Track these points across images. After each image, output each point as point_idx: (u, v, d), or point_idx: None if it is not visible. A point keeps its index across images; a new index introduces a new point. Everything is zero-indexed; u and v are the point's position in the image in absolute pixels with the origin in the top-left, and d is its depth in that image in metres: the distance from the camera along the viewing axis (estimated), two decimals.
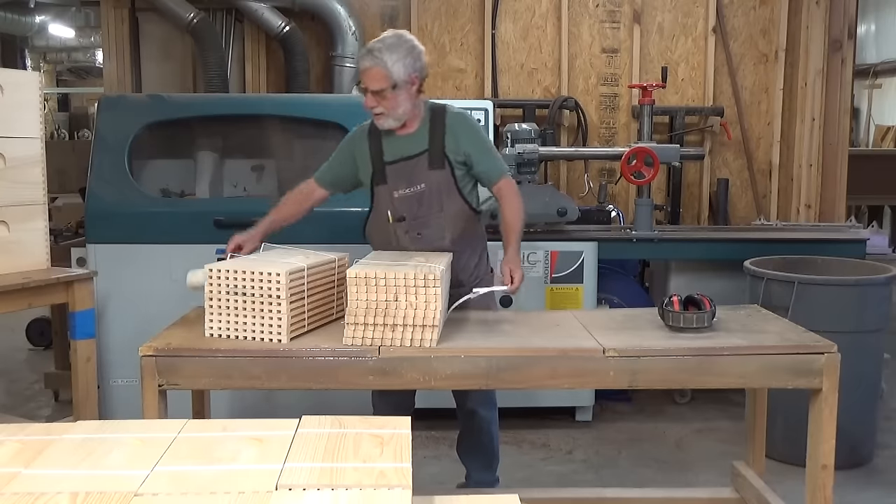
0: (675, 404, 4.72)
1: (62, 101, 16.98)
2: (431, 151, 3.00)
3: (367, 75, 2.90)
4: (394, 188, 3.02)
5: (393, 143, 3.04)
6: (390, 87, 2.89)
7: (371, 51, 2.90)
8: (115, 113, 4.24)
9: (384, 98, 2.91)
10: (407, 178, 3.01)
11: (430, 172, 3.00)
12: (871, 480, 3.76)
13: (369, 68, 2.89)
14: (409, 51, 2.92)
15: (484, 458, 3.34)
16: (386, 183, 3.04)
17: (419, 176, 3.00)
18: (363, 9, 5.37)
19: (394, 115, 2.96)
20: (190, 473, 1.35)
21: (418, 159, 3.01)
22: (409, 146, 3.02)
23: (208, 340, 2.52)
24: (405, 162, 3.01)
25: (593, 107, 5.46)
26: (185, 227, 4.02)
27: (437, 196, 3.00)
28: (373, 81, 2.89)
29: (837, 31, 5.29)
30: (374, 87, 2.90)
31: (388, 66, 2.87)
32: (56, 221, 5.35)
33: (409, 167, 3.01)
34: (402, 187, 3.01)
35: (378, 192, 3.06)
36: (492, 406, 3.28)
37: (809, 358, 2.49)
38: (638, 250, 4.62)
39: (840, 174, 5.36)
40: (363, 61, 2.92)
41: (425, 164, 3.00)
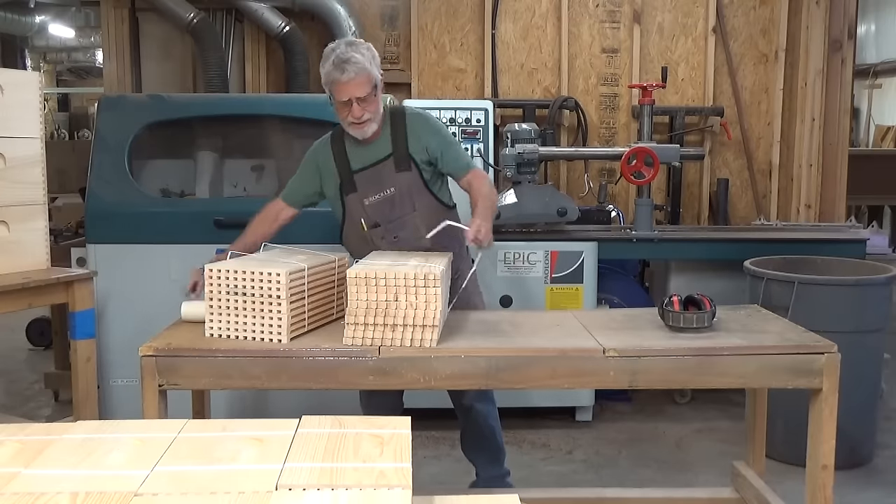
0: (675, 404, 4.72)
1: (62, 101, 16.97)
2: (396, 154, 3.00)
3: (353, 85, 2.85)
4: (363, 196, 3.02)
5: (358, 151, 3.03)
6: (373, 89, 2.89)
7: (348, 61, 2.83)
8: (115, 113, 4.24)
9: (370, 103, 2.90)
10: (376, 183, 3.01)
11: (397, 175, 2.99)
12: (871, 480, 3.76)
13: (355, 77, 2.84)
14: (373, 51, 2.93)
15: (489, 453, 3.35)
16: (356, 191, 3.03)
17: (387, 180, 3.00)
18: (363, 9, 5.37)
19: (376, 119, 2.96)
20: (190, 473, 1.35)
21: (384, 164, 3.00)
22: (374, 152, 3.02)
23: (208, 340, 2.52)
24: (372, 168, 3.01)
25: (593, 107, 5.46)
26: (185, 227, 4.02)
27: (409, 197, 3.00)
28: (360, 89, 2.86)
29: (837, 31, 5.29)
30: (362, 93, 2.87)
31: (369, 69, 2.86)
32: (56, 221, 5.35)
33: (377, 173, 3.01)
34: (372, 194, 3.01)
35: (349, 201, 3.05)
36: (488, 400, 3.29)
37: (809, 358, 2.49)
38: (638, 250, 4.62)
39: (840, 174, 5.36)
40: (344, 74, 2.83)
41: (392, 167, 3.00)
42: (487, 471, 3.36)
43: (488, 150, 4.71)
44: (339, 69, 2.84)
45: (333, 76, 2.86)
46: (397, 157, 3.00)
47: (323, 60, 2.91)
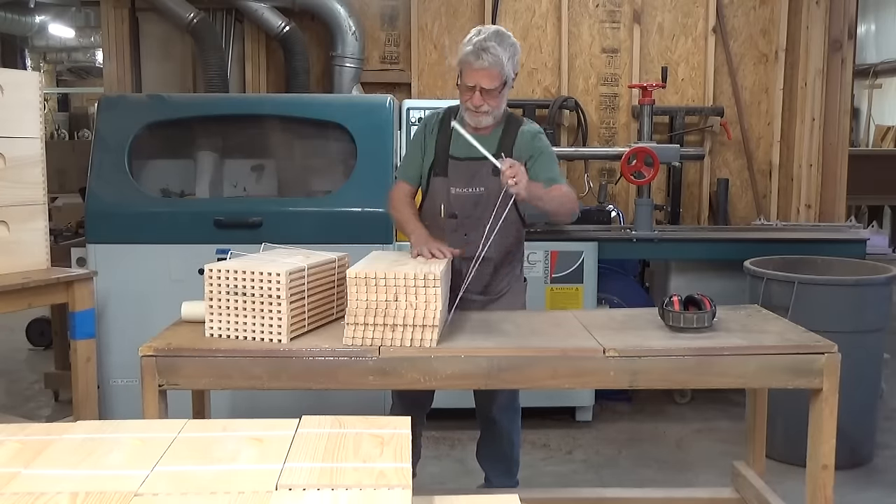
0: (675, 404, 4.72)
1: (62, 101, 16.97)
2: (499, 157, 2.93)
3: (483, 74, 2.82)
4: (452, 184, 2.98)
5: (463, 140, 2.93)
6: (501, 86, 2.87)
7: (486, 49, 2.80)
8: (115, 113, 4.24)
9: (492, 97, 2.87)
10: (468, 177, 2.97)
11: (492, 178, 2.90)
12: (871, 480, 3.76)
13: (488, 68, 2.81)
14: (515, 48, 2.89)
15: (504, 465, 3.31)
16: (445, 176, 2.99)
17: (481, 179, 2.96)
18: (363, 9, 5.37)
19: (495, 114, 2.94)
20: (190, 473, 1.35)
21: (484, 162, 2.89)
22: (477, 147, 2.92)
23: (208, 340, 2.52)
24: (471, 161, 2.95)
25: (593, 107, 5.46)
26: (185, 227, 4.02)
27: (495, 202, 2.88)
28: (488, 80, 2.83)
29: (837, 31, 5.29)
30: (489, 85, 2.84)
31: (503, 64, 2.83)
32: (56, 221, 5.35)
33: (474, 168, 2.96)
34: (461, 185, 2.97)
35: (434, 183, 3.01)
36: (514, 413, 3.24)
37: (809, 358, 2.49)
38: (638, 250, 4.62)
39: (840, 174, 5.36)
40: (479, 60, 2.80)
41: (490, 169, 2.90)
42: (499, 481, 3.31)
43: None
44: (475, 54, 2.81)
45: (468, 59, 2.84)
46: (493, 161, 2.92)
47: (466, 40, 2.87)
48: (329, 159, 4.68)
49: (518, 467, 3.34)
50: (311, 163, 4.77)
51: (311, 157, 4.78)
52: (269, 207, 4.14)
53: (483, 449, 3.34)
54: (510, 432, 3.25)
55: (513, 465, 3.32)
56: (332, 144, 4.55)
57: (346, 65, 5.15)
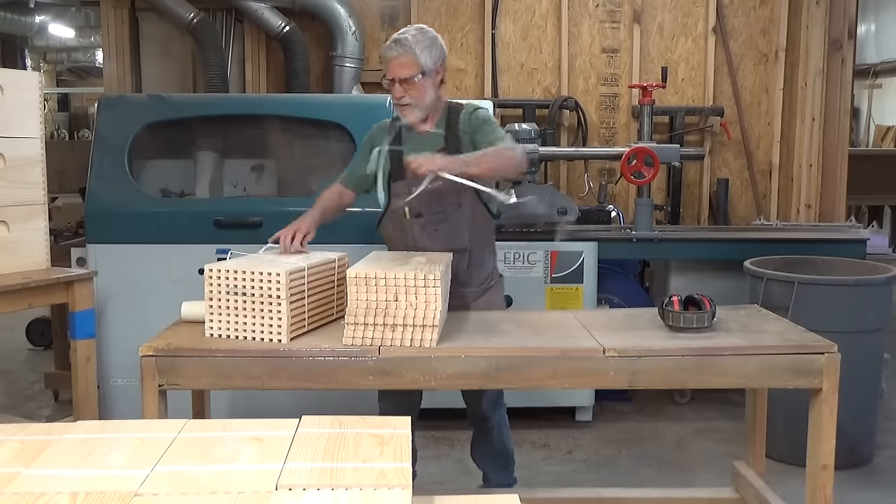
0: (675, 404, 4.72)
1: (62, 101, 16.98)
2: (448, 151, 2.97)
3: (396, 63, 2.89)
4: (412, 184, 2.97)
5: (411, 140, 3.02)
6: (419, 75, 2.90)
7: (398, 40, 2.90)
8: (115, 113, 4.24)
9: (412, 87, 2.91)
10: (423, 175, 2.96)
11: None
12: (871, 480, 3.76)
13: (398, 56, 2.88)
14: (432, 40, 2.96)
15: (500, 461, 3.33)
16: (404, 178, 3.00)
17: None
18: (363, 9, 5.37)
19: (420, 106, 2.95)
20: (190, 473, 1.35)
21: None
22: (427, 144, 2.99)
23: (208, 340, 2.52)
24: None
25: (593, 107, 5.46)
26: (185, 227, 4.02)
27: (455, 194, 2.96)
28: (402, 69, 2.89)
29: (837, 31, 5.29)
30: (403, 74, 2.89)
31: (416, 53, 2.88)
32: (56, 221, 5.35)
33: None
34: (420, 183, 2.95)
35: (395, 187, 3.04)
36: (500, 407, 3.27)
37: (809, 358, 2.48)
38: (638, 250, 4.62)
39: (840, 174, 5.37)
40: (390, 51, 2.90)
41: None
42: (497, 477, 3.34)
43: None
44: (388, 47, 2.92)
45: (383, 53, 2.96)
46: (449, 153, 2.96)
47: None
48: (329, 159, 4.68)
49: (514, 462, 3.37)
50: (311, 163, 4.77)
51: (311, 157, 4.78)
52: (269, 207, 4.14)
53: (477, 447, 3.36)
54: (500, 427, 3.27)
55: (509, 461, 3.34)
56: (332, 144, 4.55)
57: (346, 65, 5.15)
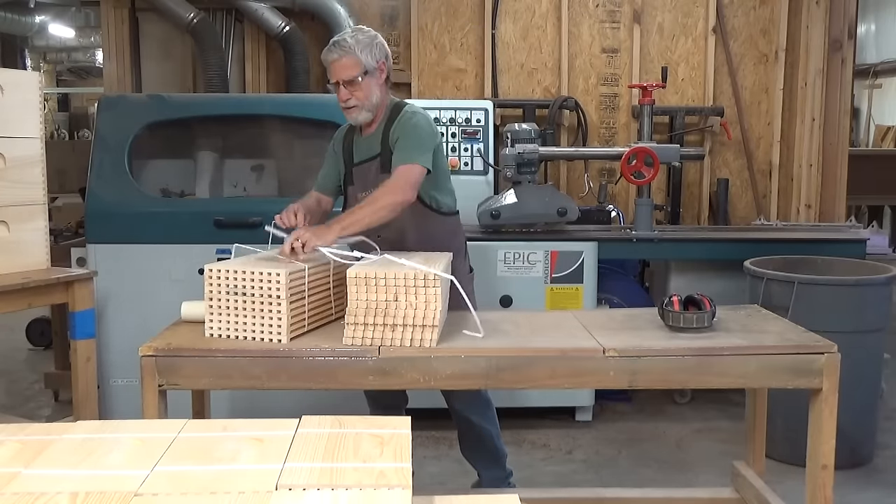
0: (675, 404, 4.72)
1: (62, 101, 16.98)
2: (382, 155, 2.99)
3: (338, 66, 2.90)
4: (358, 190, 3.04)
5: (359, 145, 3.06)
6: (362, 74, 2.90)
7: (337, 42, 2.91)
8: (115, 113, 4.24)
9: (357, 88, 2.91)
10: (364, 180, 3.02)
11: (381, 176, 2.96)
12: (871, 480, 3.76)
13: (339, 58, 2.89)
14: (371, 39, 2.95)
15: (488, 457, 3.35)
16: (353, 184, 3.06)
17: (373, 179, 2.99)
18: (363, 9, 5.37)
19: (367, 106, 2.95)
20: (190, 473, 1.35)
21: (372, 163, 3.01)
22: (369, 148, 3.03)
23: (208, 340, 2.52)
24: (365, 164, 3.04)
25: (593, 107, 5.46)
26: (185, 227, 4.02)
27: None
28: (344, 71, 2.90)
29: (837, 31, 5.29)
30: (346, 76, 2.90)
31: (357, 53, 2.89)
32: (56, 221, 5.35)
33: (367, 170, 3.03)
34: (362, 189, 3.02)
35: (348, 193, 3.09)
36: (482, 406, 3.26)
37: (809, 358, 2.49)
38: (638, 250, 4.62)
39: (840, 174, 5.36)
40: (331, 54, 2.91)
41: (378, 167, 2.99)
42: (489, 472, 3.36)
43: (488, 150, 4.71)
44: (328, 51, 2.93)
45: (324, 58, 2.96)
46: (383, 157, 2.99)
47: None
48: None
49: (504, 457, 3.38)
50: (311, 163, 4.76)
51: (311, 157, 4.77)
52: (269, 207, 4.12)
53: (463, 443, 3.38)
54: (482, 424, 3.27)
55: (497, 455, 3.35)
56: None
57: None
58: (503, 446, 3.38)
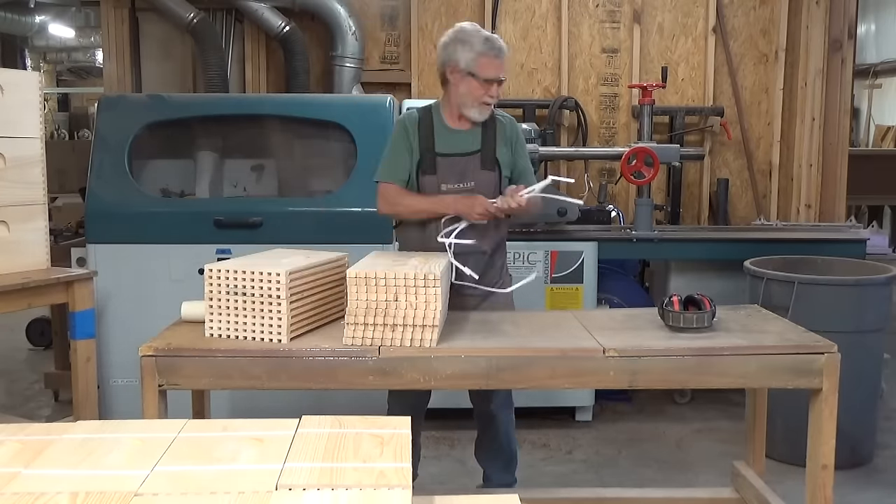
0: (675, 404, 4.72)
1: (62, 101, 16.97)
2: (484, 152, 3.04)
3: (500, 65, 2.97)
4: (442, 181, 3.01)
5: (445, 136, 3.03)
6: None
7: (499, 43, 2.97)
8: (115, 113, 4.24)
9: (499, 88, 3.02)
10: (458, 173, 3.01)
11: (481, 172, 3.02)
12: (871, 480, 3.76)
13: (502, 59, 2.98)
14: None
15: (503, 460, 3.33)
16: (434, 174, 3.01)
17: (470, 174, 3.02)
18: (363, 9, 5.37)
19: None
20: (190, 473, 1.35)
21: (471, 158, 3.02)
22: (464, 143, 3.04)
23: (208, 340, 2.52)
24: (459, 157, 3.02)
25: (593, 107, 5.46)
26: (185, 227, 4.02)
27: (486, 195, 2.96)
28: (502, 70, 2.98)
29: (837, 31, 5.29)
30: (502, 76, 2.99)
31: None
32: (56, 221, 5.35)
33: (462, 163, 3.02)
34: (452, 181, 3.01)
35: (424, 182, 3.03)
36: (511, 408, 3.28)
37: (809, 358, 2.49)
38: (638, 250, 4.62)
39: (840, 174, 5.36)
40: (500, 53, 2.96)
41: (477, 163, 3.02)
42: (499, 477, 3.33)
43: None
44: (493, 49, 2.96)
45: (489, 54, 2.95)
46: (485, 155, 3.03)
47: (463, 39, 2.97)
48: (329, 159, 4.68)
49: (516, 464, 3.36)
50: (311, 163, 4.77)
51: (311, 157, 4.78)
52: (269, 207, 4.14)
53: (482, 446, 3.35)
54: (507, 426, 3.27)
55: (512, 461, 3.34)
56: (332, 144, 4.55)
57: (346, 65, 5.15)
58: (517, 452, 3.37)
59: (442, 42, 3.02)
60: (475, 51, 2.94)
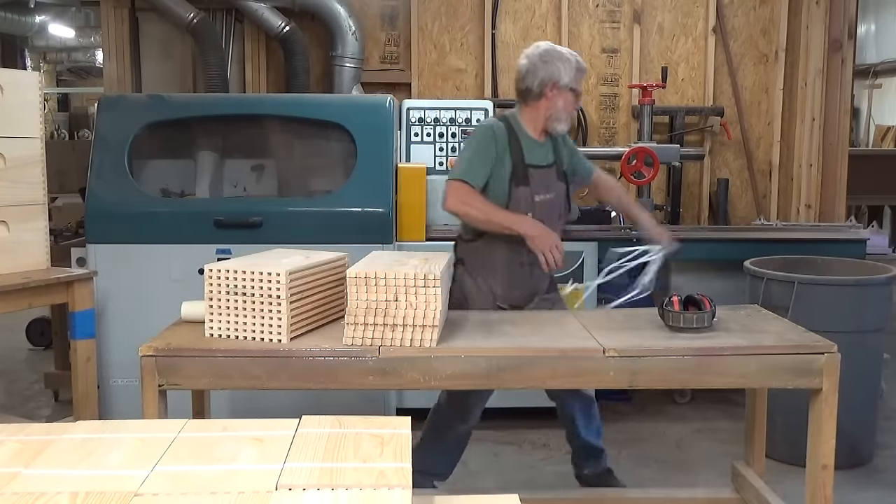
0: (675, 404, 4.72)
1: (62, 101, 16.97)
2: (557, 163, 3.20)
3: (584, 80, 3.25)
4: (535, 192, 3.11)
5: (532, 149, 3.14)
6: None
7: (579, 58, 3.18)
8: (115, 113, 4.24)
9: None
10: (545, 185, 3.14)
11: (557, 182, 3.19)
12: (871, 480, 3.76)
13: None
14: None
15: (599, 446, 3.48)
16: (528, 185, 3.09)
17: (552, 184, 3.17)
18: (363, 9, 5.37)
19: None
20: (190, 473, 1.35)
21: (551, 169, 3.18)
22: (545, 155, 3.18)
23: (208, 340, 2.52)
24: (544, 169, 3.16)
25: (593, 107, 5.46)
26: (185, 227, 4.02)
27: (560, 206, 3.20)
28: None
29: (837, 31, 5.29)
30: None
31: None
32: (56, 221, 5.35)
33: (547, 174, 3.16)
34: (542, 192, 3.13)
35: (517, 192, 3.08)
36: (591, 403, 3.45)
37: (809, 358, 2.49)
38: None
39: (840, 174, 5.37)
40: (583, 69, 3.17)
41: (555, 174, 3.19)
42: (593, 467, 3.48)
43: None
44: (582, 66, 3.18)
45: (583, 70, 3.19)
46: (558, 166, 3.21)
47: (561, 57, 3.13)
48: (329, 159, 4.68)
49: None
50: (311, 163, 4.77)
51: (311, 157, 4.78)
52: (269, 207, 4.14)
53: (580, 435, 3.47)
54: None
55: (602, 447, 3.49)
56: (332, 144, 4.55)
57: (346, 65, 5.15)
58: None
59: (535, 61, 3.11)
60: (574, 68, 3.11)
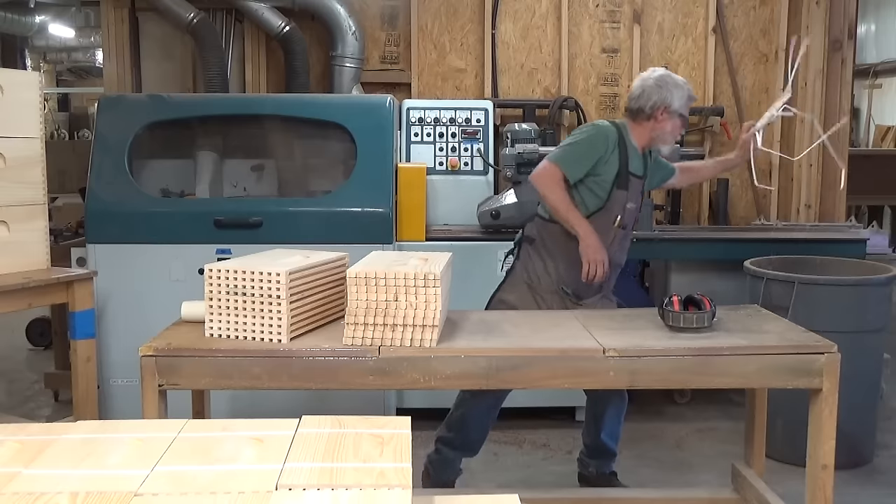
0: (675, 404, 4.72)
1: (62, 101, 16.96)
2: (645, 176, 3.36)
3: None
4: (629, 199, 3.25)
5: (635, 159, 3.27)
6: None
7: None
8: (115, 113, 4.24)
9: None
10: (636, 193, 3.30)
11: (641, 194, 3.36)
12: (871, 480, 3.76)
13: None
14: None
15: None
16: (626, 190, 3.23)
17: (638, 195, 3.32)
18: (363, 9, 5.36)
19: None
20: (190, 473, 1.35)
21: (641, 181, 3.33)
22: (641, 166, 3.31)
23: (208, 340, 2.52)
24: (639, 179, 3.30)
25: (593, 107, 5.46)
26: (185, 227, 4.02)
27: (636, 217, 3.39)
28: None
29: (837, 31, 5.29)
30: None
31: None
32: (56, 221, 5.35)
33: (638, 185, 3.31)
34: (633, 200, 3.28)
35: (617, 195, 3.22)
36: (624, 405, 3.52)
37: (809, 358, 2.49)
38: (638, 250, 4.59)
39: (840, 174, 5.36)
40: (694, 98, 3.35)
41: (642, 186, 3.35)
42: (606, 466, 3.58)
43: (488, 150, 4.71)
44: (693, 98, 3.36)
45: (693, 98, 3.37)
46: (644, 179, 3.36)
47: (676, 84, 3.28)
48: (329, 159, 4.69)
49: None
50: (311, 163, 4.77)
51: (311, 157, 4.78)
52: (269, 207, 4.14)
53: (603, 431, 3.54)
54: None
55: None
56: (332, 144, 4.56)
57: (346, 65, 5.14)
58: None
59: (651, 84, 3.25)
60: (686, 95, 3.27)
